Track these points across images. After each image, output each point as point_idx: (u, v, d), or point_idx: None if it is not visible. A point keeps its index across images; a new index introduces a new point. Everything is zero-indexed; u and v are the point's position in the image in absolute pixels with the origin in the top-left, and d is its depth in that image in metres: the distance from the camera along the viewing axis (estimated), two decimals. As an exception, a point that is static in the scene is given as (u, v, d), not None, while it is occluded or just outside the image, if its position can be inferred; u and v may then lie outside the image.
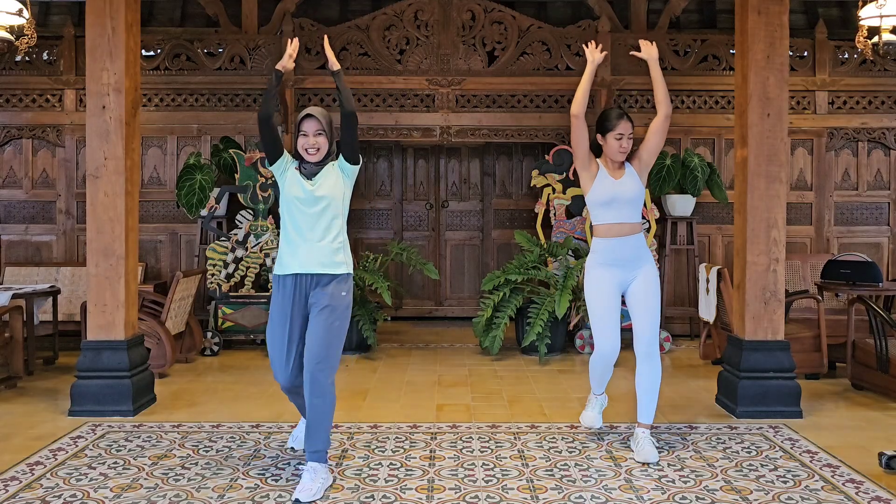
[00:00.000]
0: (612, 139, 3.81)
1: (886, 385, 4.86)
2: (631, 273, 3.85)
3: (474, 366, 6.00)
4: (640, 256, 3.86)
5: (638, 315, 3.86)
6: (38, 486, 3.34)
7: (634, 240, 3.84)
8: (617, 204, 3.81)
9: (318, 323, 3.34)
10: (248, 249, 6.62)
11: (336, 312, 3.36)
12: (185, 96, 7.13)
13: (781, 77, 4.47)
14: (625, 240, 3.82)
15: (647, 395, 3.86)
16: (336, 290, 3.38)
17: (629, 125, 3.83)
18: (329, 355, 3.33)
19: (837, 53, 7.22)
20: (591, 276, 3.89)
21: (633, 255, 3.84)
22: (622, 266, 3.84)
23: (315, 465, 3.28)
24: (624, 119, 3.83)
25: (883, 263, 7.20)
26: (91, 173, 4.50)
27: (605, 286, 3.84)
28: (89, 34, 4.48)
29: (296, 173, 3.43)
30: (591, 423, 4.08)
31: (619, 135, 3.80)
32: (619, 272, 3.85)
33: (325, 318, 3.34)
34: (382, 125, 7.08)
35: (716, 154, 7.23)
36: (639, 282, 3.85)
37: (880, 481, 3.40)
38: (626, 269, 3.85)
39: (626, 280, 3.87)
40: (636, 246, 3.85)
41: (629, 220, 3.83)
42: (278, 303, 3.44)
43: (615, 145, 3.80)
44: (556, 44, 7.07)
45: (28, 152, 7.17)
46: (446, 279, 8.32)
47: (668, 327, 6.94)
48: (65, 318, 6.31)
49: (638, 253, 3.85)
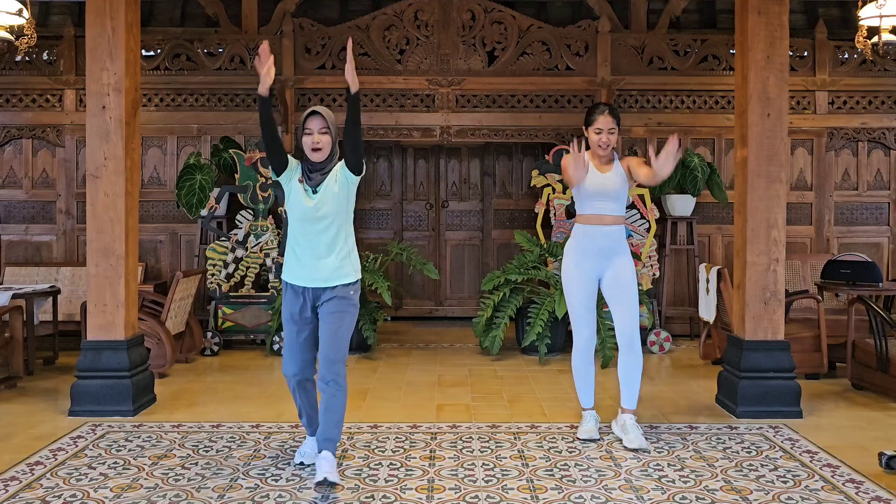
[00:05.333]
0: (592, 133, 3.96)
1: (886, 385, 4.86)
2: (606, 263, 3.99)
3: (474, 366, 6.00)
4: (616, 248, 4.00)
5: (616, 307, 4.00)
6: (38, 486, 3.34)
7: (613, 231, 3.99)
8: (601, 197, 3.95)
9: (328, 327, 3.41)
10: (248, 249, 6.62)
11: (345, 315, 3.43)
12: (185, 96, 7.13)
13: (781, 77, 4.47)
14: (604, 229, 3.97)
15: (630, 382, 3.99)
16: (344, 292, 3.44)
17: (609, 120, 3.93)
18: (340, 353, 3.41)
19: (837, 53, 7.22)
20: (567, 264, 4.04)
21: (609, 245, 3.98)
22: (598, 256, 3.98)
23: (327, 454, 3.30)
24: (604, 114, 3.94)
25: (883, 263, 7.20)
26: (91, 173, 4.50)
27: (581, 275, 4.00)
28: (89, 34, 4.48)
29: (299, 187, 3.42)
30: (591, 435, 4.07)
31: (598, 129, 3.94)
32: (595, 261, 3.99)
33: (334, 322, 3.40)
34: (382, 125, 7.08)
35: (716, 154, 7.23)
36: (614, 273, 3.99)
37: (880, 481, 3.40)
38: (602, 259, 3.98)
39: (601, 270, 4.00)
40: (614, 238, 3.99)
41: (612, 213, 3.98)
42: (288, 303, 3.51)
43: (594, 139, 3.96)
44: (556, 44, 7.07)
45: (28, 152, 7.17)
46: (446, 279, 8.32)
47: (668, 327, 6.95)
48: (65, 318, 6.31)
49: (614, 245, 3.99)
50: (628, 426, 3.92)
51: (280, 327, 6.26)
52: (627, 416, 3.97)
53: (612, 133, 3.93)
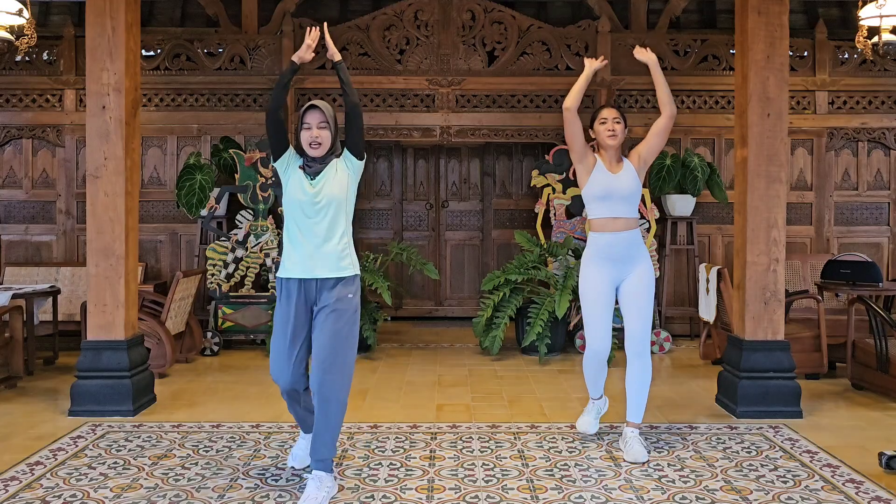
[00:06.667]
0: (598, 125, 3.90)
1: (886, 385, 4.86)
2: (625, 270, 3.85)
3: (474, 366, 6.00)
4: (636, 254, 3.86)
5: (630, 315, 3.85)
6: (38, 486, 3.34)
7: (630, 235, 3.84)
8: (612, 198, 3.82)
9: (323, 328, 3.22)
10: (248, 249, 6.62)
11: (343, 317, 3.22)
12: (185, 96, 7.13)
13: (781, 77, 4.47)
14: (619, 235, 3.82)
15: (637, 394, 3.85)
16: (342, 293, 3.25)
17: (612, 111, 3.92)
18: (336, 362, 3.18)
19: (837, 53, 7.22)
20: (586, 272, 3.91)
21: (627, 252, 3.84)
22: (616, 262, 3.84)
23: (320, 473, 3.18)
24: (606, 107, 3.96)
25: (883, 263, 7.20)
26: (91, 173, 4.50)
27: (599, 284, 3.85)
28: (89, 34, 4.48)
29: (299, 173, 3.31)
30: (586, 429, 4.07)
31: (603, 119, 3.90)
32: (614, 269, 3.85)
33: (331, 324, 3.21)
34: (382, 125, 7.08)
35: (716, 154, 7.23)
36: (633, 281, 3.85)
37: (880, 481, 3.40)
38: (621, 265, 3.84)
39: (620, 277, 3.86)
40: (631, 243, 3.85)
41: (624, 214, 3.84)
42: (282, 306, 3.32)
43: (602, 130, 3.88)
44: (556, 44, 7.07)
45: (28, 152, 7.17)
46: (446, 279, 8.32)
47: (668, 327, 6.95)
48: (65, 318, 6.31)
49: (632, 251, 3.85)
50: (629, 439, 3.77)
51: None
52: (630, 429, 3.81)
53: (617, 122, 3.85)
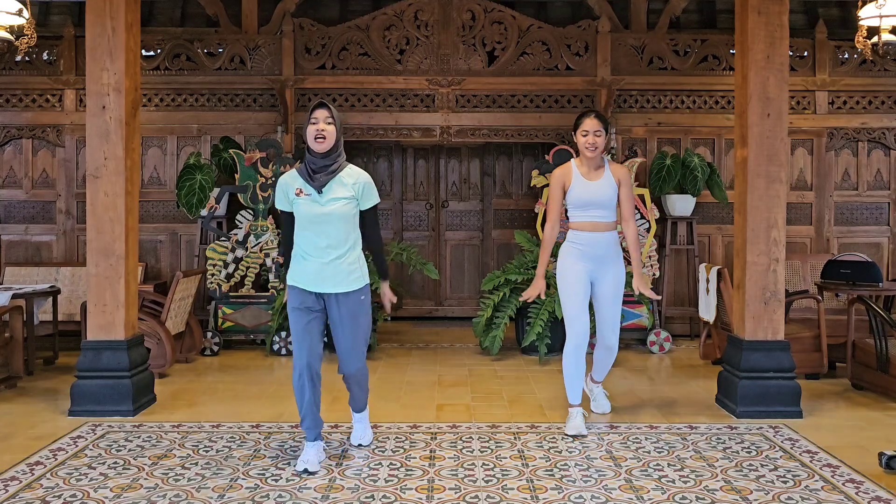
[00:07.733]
0: (580, 135, 4.10)
1: (886, 385, 4.86)
2: (601, 269, 4.14)
3: (474, 366, 6.00)
4: (611, 255, 4.14)
5: (602, 314, 4.21)
6: (38, 486, 3.34)
7: (608, 237, 4.13)
8: (591, 206, 4.10)
9: (343, 332, 3.54)
10: (248, 249, 6.62)
11: (359, 316, 3.55)
12: (185, 96, 7.13)
13: (781, 77, 4.47)
14: (597, 236, 4.11)
15: (602, 364, 4.40)
16: (355, 298, 3.52)
17: (595, 122, 4.07)
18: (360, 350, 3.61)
19: (837, 53, 7.22)
20: (564, 262, 4.17)
21: (605, 251, 4.12)
22: (593, 259, 4.12)
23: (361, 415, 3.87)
24: (590, 117, 4.09)
25: (883, 263, 7.20)
26: (91, 173, 4.50)
27: (578, 272, 4.12)
28: (89, 34, 4.48)
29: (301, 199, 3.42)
30: (578, 431, 4.09)
31: (584, 131, 4.08)
32: (590, 264, 4.13)
33: (349, 326, 3.53)
34: (382, 125, 7.08)
35: (716, 154, 7.23)
36: (607, 282, 4.15)
37: (880, 481, 3.40)
38: (598, 263, 4.13)
39: (595, 274, 4.15)
40: (608, 244, 4.14)
41: (603, 219, 4.12)
42: (295, 303, 3.51)
43: (582, 141, 4.09)
44: (556, 44, 7.06)
45: (28, 152, 7.17)
46: (446, 279, 8.32)
47: (668, 327, 6.95)
48: (65, 318, 6.31)
49: (609, 251, 4.14)
50: (596, 393, 4.49)
51: (280, 327, 6.27)
52: (596, 385, 4.49)
53: (598, 135, 4.05)
